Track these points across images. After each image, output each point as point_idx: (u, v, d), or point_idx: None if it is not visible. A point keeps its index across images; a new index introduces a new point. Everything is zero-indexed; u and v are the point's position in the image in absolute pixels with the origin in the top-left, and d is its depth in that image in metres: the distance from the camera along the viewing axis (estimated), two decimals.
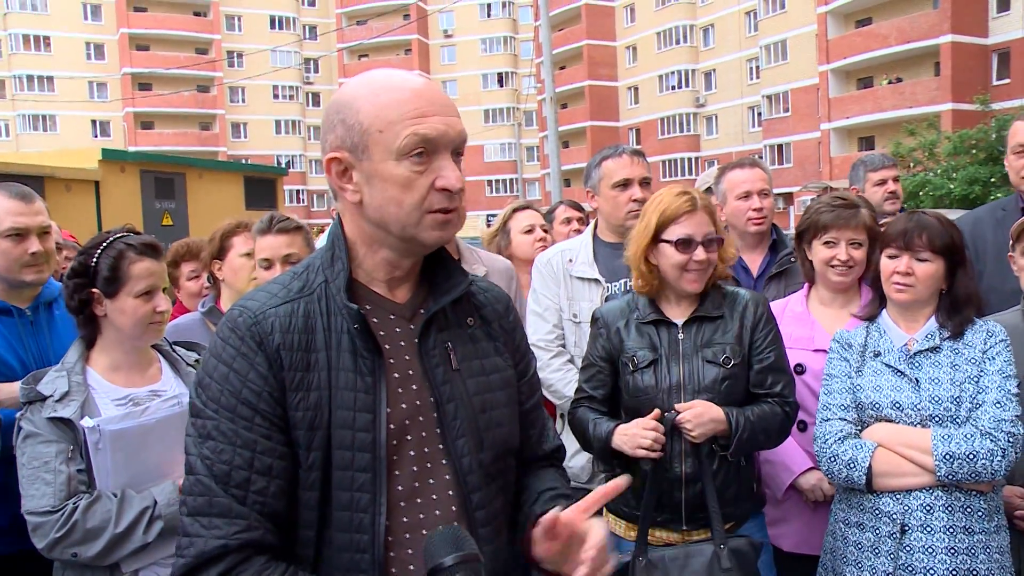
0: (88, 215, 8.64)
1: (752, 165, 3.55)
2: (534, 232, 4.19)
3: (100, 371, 2.33)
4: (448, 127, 1.45)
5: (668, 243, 2.53)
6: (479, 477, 1.50)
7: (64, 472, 2.13)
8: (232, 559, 1.35)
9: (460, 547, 1.24)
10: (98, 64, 56.87)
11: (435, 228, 1.46)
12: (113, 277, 2.27)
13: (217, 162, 24.16)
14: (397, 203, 1.44)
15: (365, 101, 1.45)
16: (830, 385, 2.56)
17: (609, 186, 3.35)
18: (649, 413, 2.49)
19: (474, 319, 1.61)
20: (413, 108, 1.43)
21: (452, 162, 1.46)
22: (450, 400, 1.50)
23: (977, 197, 22.79)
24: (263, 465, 1.38)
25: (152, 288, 2.31)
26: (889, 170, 4.25)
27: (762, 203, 3.42)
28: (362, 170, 1.46)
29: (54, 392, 2.20)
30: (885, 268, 2.52)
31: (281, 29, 62.13)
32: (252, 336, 1.42)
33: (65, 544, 2.09)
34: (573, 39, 55.57)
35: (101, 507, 2.12)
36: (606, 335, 2.64)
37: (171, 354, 2.50)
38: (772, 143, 43.82)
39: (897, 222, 2.55)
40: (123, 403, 2.29)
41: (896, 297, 2.50)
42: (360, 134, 1.44)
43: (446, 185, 1.44)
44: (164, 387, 2.39)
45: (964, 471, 2.28)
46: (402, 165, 1.42)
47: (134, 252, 2.30)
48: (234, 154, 55.96)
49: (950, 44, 33.48)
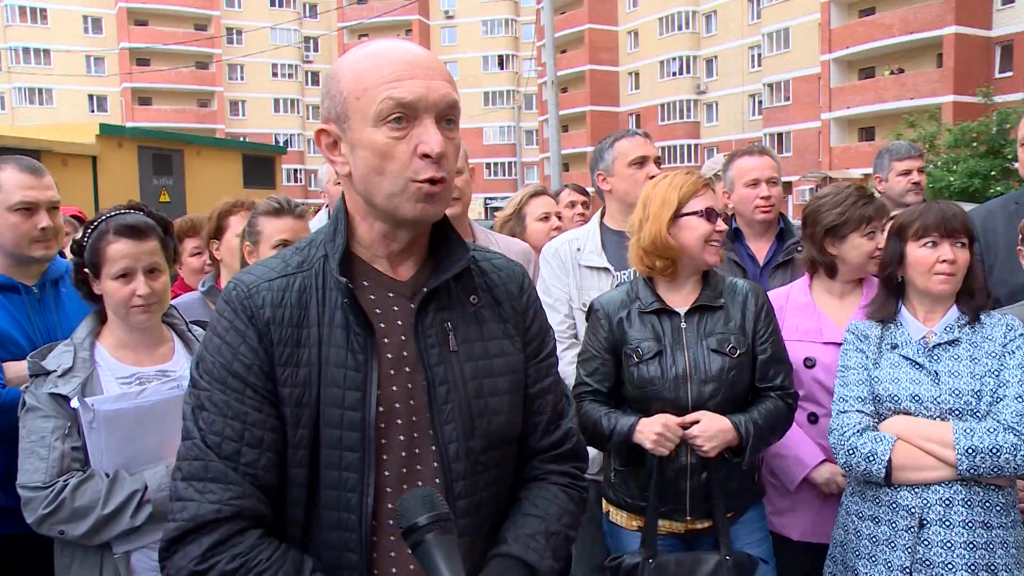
0: (85, 190, 8.58)
1: (761, 153, 3.52)
2: (550, 220, 4.15)
3: (108, 348, 2.30)
4: (428, 90, 1.38)
5: (693, 215, 2.54)
6: (466, 465, 1.45)
7: (58, 449, 2.11)
8: (226, 529, 1.33)
9: (433, 507, 1.24)
10: (96, 38, 56.41)
11: (419, 200, 1.39)
12: (93, 258, 2.26)
13: (216, 139, 24.05)
14: (378, 171, 1.39)
15: (346, 70, 1.42)
16: (846, 377, 2.51)
17: (625, 164, 3.32)
18: (655, 404, 2.49)
19: (478, 297, 1.54)
20: (390, 72, 1.37)
21: (435, 127, 1.39)
22: (442, 383, 1.45)
23: (977, 190, 22.81)
24: (253, 437, 1.37)
25: (128, 271, 2.24)
26: (915, 160, 4.22)
27: (770, 191, 3.40)
28: (347, 140, 1.42)
29: (58, 367, 2.18)
30: (923, 259, 2.42)
31: (281, 7, 61.70)
32: (244, 310, 1.41)
33: (52, 521, 2.08)
34: (575, 23, 55.35)
35: (91, 487, 2.10)
36: (607, 326, 2.60)
37: (186, 333, 2.46)
38: (772, 132, 43.72)
39: (927, 211, 2.47)
40: (128, 381, 2.25)
41: (940, 289, 2.42)
42: (341, 103, 1.41)
43: (426, 150, 1.37)
44: (174, 367, 2.34)
45: (987, 465, 2.24)
46: (380, 131, 1.38)
47: (111, 233, 2.25)
48: (232, 132, 55.68)
49: (953, 36, 33.37)
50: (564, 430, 1.62)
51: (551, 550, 1.49)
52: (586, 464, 1.68)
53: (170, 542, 1.35)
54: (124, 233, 2.25)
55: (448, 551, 1.22)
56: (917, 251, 2.45)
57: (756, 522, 2.64)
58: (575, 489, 1.61)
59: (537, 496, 1.56)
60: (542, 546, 1.49)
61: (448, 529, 1.24)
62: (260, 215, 2.92)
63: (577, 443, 1.65)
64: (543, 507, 1.54)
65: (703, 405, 2.48)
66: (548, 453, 1.60)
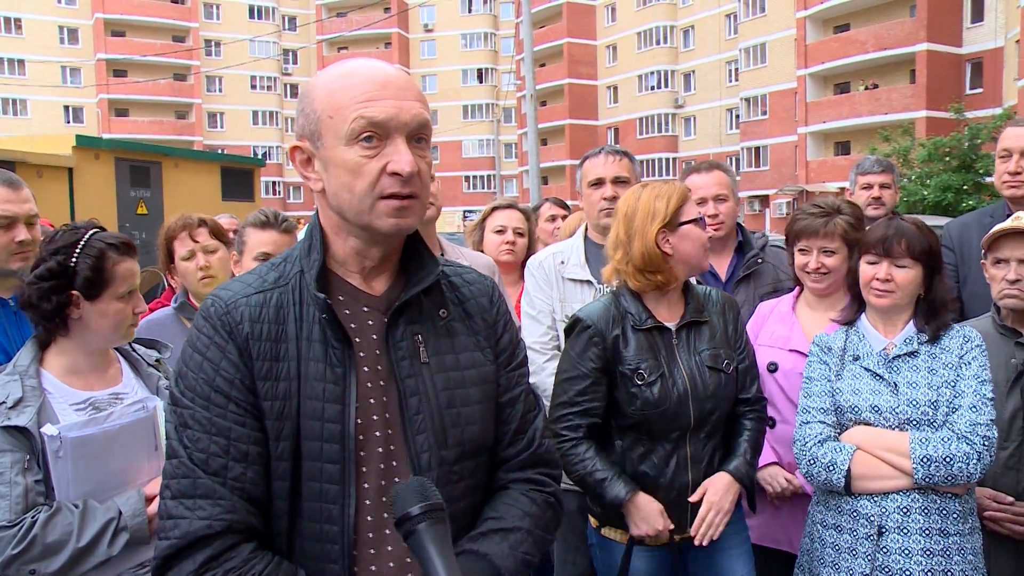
0: (61, 202, 8.51)
1: (710, 169, 3.52)
2: (504, 234, 4.05)
3: (56, 374, 2.15)
4: (399, 110, 1.42)
5: (691, 223, 2.53)
6: (440, 474, 1.46)
7: (21, 484, 1.95)
8: (219, 544, 1.34)
9: (426, 496, 1.25)
10: (72, 49, 55.89)
11: (389, 215, 1.43)
12: (96, 278, 2.12)
13: (194, 151, 23.89)
14: (349, 189, 1.42)
15: (321, 88, 1.45)
16: (810, 388, 2.57)
17: (586, 185, 3.37)
18: (657, 426, 2.47)
19: (447, 311, 1.57)
20: (362, 92, 1.41)
21: (406, 146, 1.42)
22: (414, 394, 1.48)
23: (949, 204, 23.11)
24: (239, 452, 1.39)
25: (133, 288, 2.20)
26: (877, 176, 4.28)
27: (717, 209, 3.41)
28: (321, 157, 1.46)
29: (6, 399, 2.02)
30: (864, 274, 2.53)
31: (260, 19, 61.52)
32: (223, 325, 1.43)
33: (23, 560, 1.92)
34: (554, 36, 55.64)
35: (62, 520, 1.96)
36: (601, 344, 2.49)
37: (131, 354, 2.36)
38: (749, 145, 44.15)
39: (876, 228, 2.56)
40: (83, 408, 2.13)
41: (876, 303, 2.52)
42: (315, 122, 1.44)
43: (396, 169, 1.40)
44: (125, 389, 2.25)
45: (941, 474, 2.30)
46: (352, 150, 1.41)
47: (116, 252, 2.16)
48: (210, 144, 55.38)
49: (925, 52, 33.93)
50: (529, 437, 1.62)
51: (508, 546, 1.49)
52: (557, 470, 1.67)
53: (163, 560, 1.35)
54: (127, 252, 2.20)
55: (441, 541, 1.22)
56: (863, 266, 2.55)
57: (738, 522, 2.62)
58: (539, 492, 1.60)
59: (497, 503, 1.57)
60: (495, 542, 1.49)
61: (440, 519, 1.24)
62: (248, 226, 2.97)
63: (544, 449, 1.64)
64: (501, 511, 1.55)
65: (703, 423, 2.48)
66: (512, 461, 1.61)
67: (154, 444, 2.19)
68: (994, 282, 2.77)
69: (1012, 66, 29.48)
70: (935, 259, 2.50)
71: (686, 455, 2.49)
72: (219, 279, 3.15)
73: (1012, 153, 3.48)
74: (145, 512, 2.08)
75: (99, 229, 2.23)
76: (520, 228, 4.09)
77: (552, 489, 1.63)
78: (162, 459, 2.18)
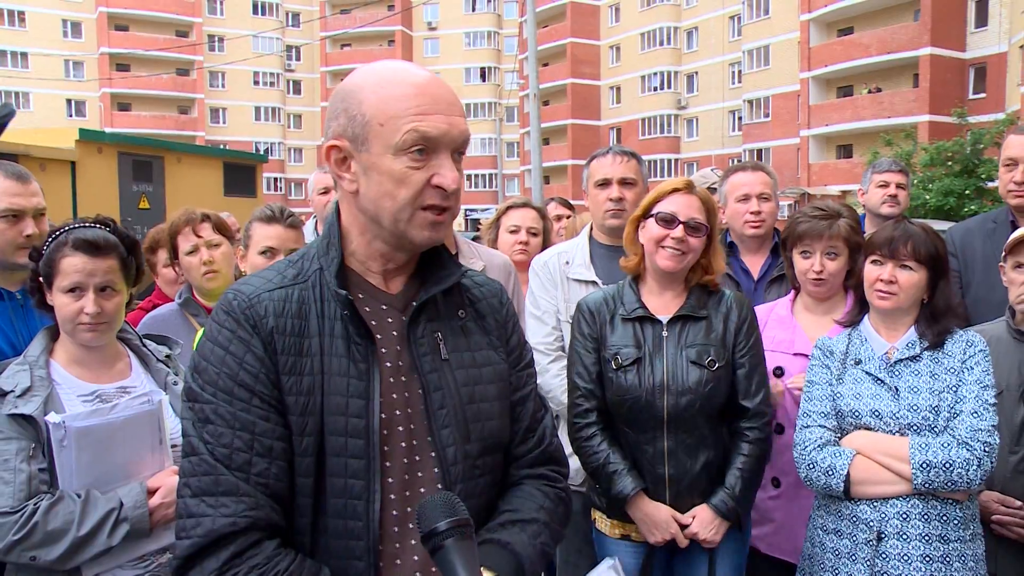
0: (63, 196, 8.51)
1: (755, 168, 3.55)
2: (518, 233, 4.10)
3: (64, 365, 2.21)
4: (451, 126, 1.45)
5: (652, 217, 2.60)
6: (464, 468, 1.49)
7: (25, 471, 2.00)
8: (243, 541, 1.34)
9: (453, 512, 1.24)
10: (75, 42, 55.90)
11: (425, 228, 1.46)
12: (48, 270, 2.18)
13: (196, 146, 23.90)
14: (391, 197, 1.44)
15: (370, 92, 1.45)
16: (811, 392, 2.57)
17: (593, 185, 3.38)
18: (634, 415, 2.53)
19: (466, 311, 1.60)
20: (416, 104, 1.42)
21: (451, 161, 1.46)
22: (437, 389, 1.50)
23: (951, 208, 23.10)
24: (263, 447, 1.38)
25: (79, 286, 2.16)
26: (894, 174, 4.29)
27: (760, 207, 3.42)
28: (361, 161, 1.46)
29: (15, 387, 2.08)
30: (868, 275, 2.53)
31: (264, 15, 61.48)
32: (247, 319, 1.43)
33: (24, 547, 1.96)
34: (557, 36, 55.60)
35: (63, 508, 2.00)
36: (592, 326, 2.63)
37: (141, 349, 2.39)
38: (751, 148, 44.09)
39: (883, 230, 2.56)
40: (90, 399, 2.17)
41: (878, 304, 2.51)
42: (362, 126, 1.44)
43: (442, 183, 1.44)
44: (133, 383, 2.28)
45: (940, 480, 2.30)
46: (400, 160, 1.42)
47: (68, 246, 2.17)
48: (212, 139, 55.28)
49: (929, 56, 33.89)
50: (539, 435, 1.66)
51: (527, 536, 1.51)
52: (565, 468, 1.71)
53: (185, 559, 1.34)
54: (81, 247, 2.17)
55: (468, 557, 1.22)
56: (867, 267, 2.55)
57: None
58: (550, 487, 1.63)
59: (512, 497, 1.60)
60: (515, 532, 1.51)
61: (467, 534, 1.24)
62: (254, 220, 3.00)
63: (553, 447, 1.69)
64: (516, 504, 1.58)
65: (679, 417, 2.50)
66: (524, 458, 1.64)
67: (158, 438, 2.20)
68: (1012, 286, 2.75)
69: (1015, 71, 29.42)
70: (941, 264, 2.50)
71: (663, 448, 2.51)
72: (223, 274, 3.19)
73: (1018, 162, 3.44)
74: (146, 504, 2.10)
75: (94, 225, 2.25)
76: (534, 227, 4.13)
77: (562, 485, 1.68)
78: (166, 453, 2.21)
